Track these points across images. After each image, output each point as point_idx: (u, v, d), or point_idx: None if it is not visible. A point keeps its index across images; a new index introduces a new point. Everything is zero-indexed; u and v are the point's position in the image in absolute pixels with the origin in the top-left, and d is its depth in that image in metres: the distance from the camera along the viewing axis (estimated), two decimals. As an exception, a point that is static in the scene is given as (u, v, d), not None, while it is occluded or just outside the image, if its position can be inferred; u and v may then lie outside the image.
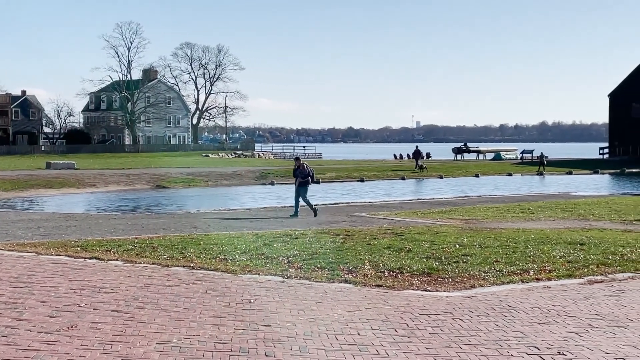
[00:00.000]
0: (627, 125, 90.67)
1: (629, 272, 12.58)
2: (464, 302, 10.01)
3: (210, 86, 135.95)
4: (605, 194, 41.16)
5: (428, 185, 52.85)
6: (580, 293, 10.77)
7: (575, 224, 22.37)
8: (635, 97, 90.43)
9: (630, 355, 7.44)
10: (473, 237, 17.05)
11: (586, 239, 16.94)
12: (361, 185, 54.16)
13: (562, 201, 32.67)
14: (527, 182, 57.33)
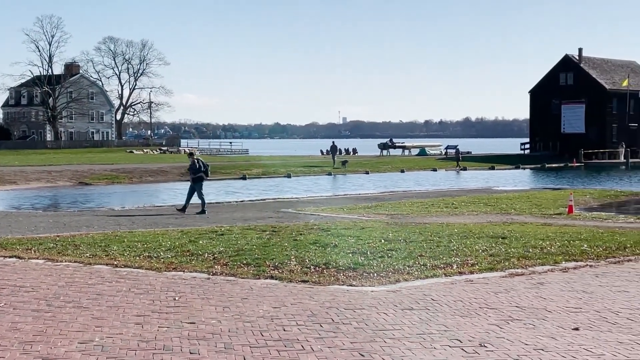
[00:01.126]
0: (547, 121, 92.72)
1: (549, 264, 12.88)
2: (389, 297, 10.10)
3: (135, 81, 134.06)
4: (526, 189, 42.05)
5: (354, 181, 53.17)
6: (502, 286, 10.98)
7: (498, 218, 22.81)
8: (554, 94, 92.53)
9: (548, 345, 7.62)
10: (398, 232, 17.22)
11: (508, 232, 17.29)
12: (288, 180, 54.19)
13: (485, 196, 33.26)
14: (451, 177, 58.20)
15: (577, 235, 16.77)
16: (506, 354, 7.31)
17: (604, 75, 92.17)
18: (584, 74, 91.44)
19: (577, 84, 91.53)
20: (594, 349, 7.52)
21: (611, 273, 12.16)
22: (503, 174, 64.01)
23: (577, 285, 11.07)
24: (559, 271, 12.34)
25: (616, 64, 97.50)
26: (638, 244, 15.44)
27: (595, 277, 11.81)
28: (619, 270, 12.49)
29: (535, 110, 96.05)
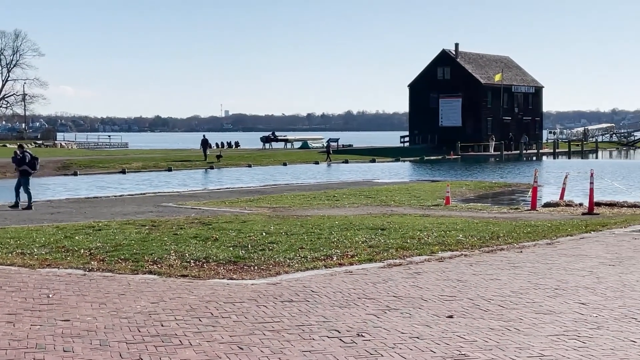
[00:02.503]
0: (426, 115, 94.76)
1: (426, 254, 13.19)
2: (269, 289, 10.12)
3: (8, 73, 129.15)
4: (405, 181, 42.89)
5: (237, 174, 52.97)
6: (380, 276, 11.17)
7: (378, 210, 23.18)
8: (432, 88, 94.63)
9: (423, 333, 7.80)
10: (280, 225, 17.28)
11: (387, 224, 17.60)
12: (169, 174, 53.48)
13: (366, 188, 33.75)
14: (333, 170, 58.77)
15: (453, 226, 17.24)
16: (383, 342, 7.44)
17: (479, 70, 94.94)
18: (460, 68, 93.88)
19: (454, 78, 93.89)
20: (466, 335, 7.74)
21: (484, 262, 12.54)
22: (383, 166, 65.10)
23: (452, 274, 11.37)
24: (435, 261, 12.65)
25: (491, 59, 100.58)
26: (510, 233, 15.99)
27: (469, 266, 12.15)
28: (492, 259, 12.90)
29: (414, 104, 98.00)
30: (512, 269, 11.79)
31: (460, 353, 7.09)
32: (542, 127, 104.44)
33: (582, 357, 6.95)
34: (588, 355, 7.01)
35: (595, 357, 6.97)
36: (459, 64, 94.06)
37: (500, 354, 7.07)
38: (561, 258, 12.88)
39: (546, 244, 14.75)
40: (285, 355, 7.00)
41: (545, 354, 7.04)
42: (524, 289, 10.18)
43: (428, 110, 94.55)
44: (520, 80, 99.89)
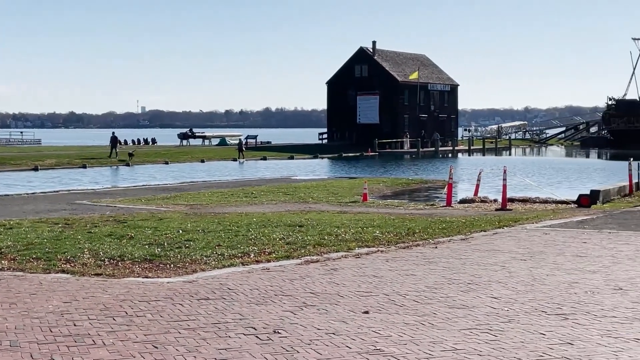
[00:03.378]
0: (344, 112, 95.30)
1: (343, 251, 13.27)
2: (185, 287, 10.04)
3: None
4: (324, 178, 43.10)
5: (153, 171, 52.35)
6: (297, 273, 11.20)
7: (296, 206, 23.23)
8: (350, 85, 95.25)
9: (339, 329, 7.85)
10: (197, 222, 17.15)
11: (305, 221, 17.65)
12: (83, 171, 52.49)
13: (284, 185, 33.77)
14: (251, 167, 58.63)
15: (371, 222, 17.40)
16: (299, 339, 7.46)
17: (397, 68, 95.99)
18: (377, 66, 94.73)
19: (372, 76, 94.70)
20: (382, 330, 7.82)
21: (400, 258, 12.70)
22: (302, 163, 65.27)
23: (369, 270, 11.48)
24: (352, 257, 12.75)
25: (408, 57, 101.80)
26: (426, 229, 16.22)
27: (385, 261, 12.29)
28: (407, 254, 13.07)
29: (332, 101, 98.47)
30: (427, 265, 11.96)
31: (375, 348, 7.16)
32: (457, 125, 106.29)
33: (494, 350, 7.10)
34: (499, 348, 7.17)
35: (506, 349, 7.13)
36: (377, 62, 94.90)
37: (414, 348, 7.17)
38: (475, 253, 13.13)
39: (460, 239, 15.02)
40: (201, 354, 6.96)
41: (458, 348, 7.17)
42: (438, 284, 10.35)
43: (346, 108, 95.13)
44: (437, 78, 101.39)
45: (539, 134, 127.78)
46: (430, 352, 7.03)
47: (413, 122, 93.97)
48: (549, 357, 6.87)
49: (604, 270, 11.34)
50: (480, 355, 6.95)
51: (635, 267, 11.61)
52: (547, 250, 13.40)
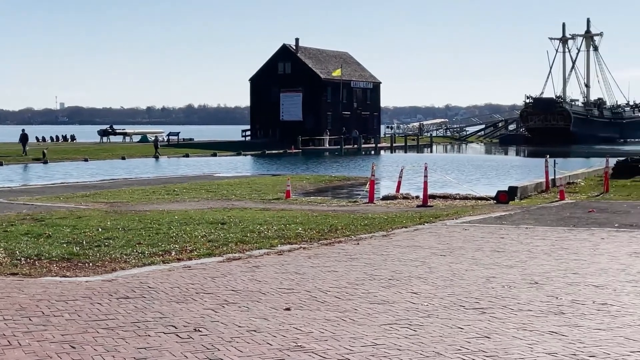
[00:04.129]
0: (267, 109, 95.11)
1: (265, 248, 13.26)
2: (104, 286, 9.88)
3: None
4: (247, 175, 42.96)
5: (72, 169, 51.37)
6: (219, 270, 11.14)
7: (219, 204, 23.10)
8: (273, 82, 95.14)
9: (261, 326, 7.84)
10: (117, 220, 16.91)
11: (227, 218, 17.57)
12: None
13: (207, 182, 33.55)
14: (174, 164, 58.06)
15: (293, 219, 17.42)
16: (220, 337, 7.42)
17: (319, 65, 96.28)
18: (300, 63, 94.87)
19: (295, 73, 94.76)
20: (303, 327, 7.85)
21: (323, 254, 12.75)
22: (225, 160, 64.96)
23: (291, 267, 11.50)
24: (274, 254, 12.75)
25: (330, 54, 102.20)
26: (348, 226, 16.33)
27: (308, 258, 12.32)
28: (329, 251, 13.13)
29: (255, 98, 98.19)
30: (349, 261, 12.04)
31: (296, 344, 7.18)
32: (380, 122, 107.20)
33: (413, 345, 7.19)
34: (418, 343, 7.26)
35: (424, 344, 7.23)
36: (300, 59, 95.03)
37: (335, 344, 7.21)
38: (396, 249, 13.28)
39: (382, 235, 15.17)
40: (120, 353, 6.86)
41: (378, 343, 7.24)
42: (359, 280, 10.43)
43: (269, 105, 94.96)
44: (359, 75, 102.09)
45: (459, 132, 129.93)
46: (351, 348, 7.08)
47: (336, 119, 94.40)
48: (466, 351, 6.99)
49: (521, 265, 11.59)
50: (399, 349, 7.03)
51: (550, 261, 11.90)
52: (466, 246, 13.63)
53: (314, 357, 6.81)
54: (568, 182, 29.19)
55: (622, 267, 11.29)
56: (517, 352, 6.93)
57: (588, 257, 12.24)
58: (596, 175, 31.80)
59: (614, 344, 7.20)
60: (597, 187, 27.73)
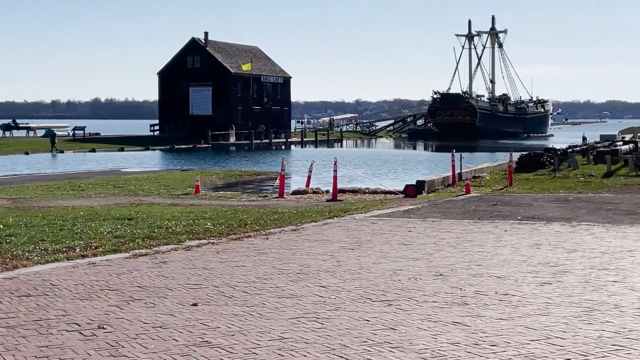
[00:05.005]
0: (176, 103, 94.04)
1: (173, 244, 13.11)
2: (5, 284, 9.60)
3: None
4: (155, 170, 42.40)
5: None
6: (125, 267, 10.96)
7: (126, 199, 22.75)
8: (182, 76, 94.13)
9: (167, 322, 7.75)
10: (19, 217, 16.48)
11: (135, 213, 17.32)
12: None
13: (114, 177, 33.00)
14: (80, 159, 56.88)
15: (202, 214, 17.30)
16: (125, 334, 7.31)
17: (229, 59, 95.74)
18: (210, 57, 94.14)
19: (204, 67, 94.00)
20: (210, 322, 7.79)
21: (231, 249, 12.69)
22: (133, 155, 63.97)
23: (199, 262, 11.40)
24: (182, 250, 12.63)
25: (240, 48, 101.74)
26: (258, 220, 16.29)
27: (216, 254, 12.24)
28: (238, 246, 13.08)
29: (164, 92, 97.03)
30: (258, 256, 12.02)
31: (203, 340, 7.13)
32: (290, 117, 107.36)
33: (320, 338, 7.23)
34: (325, 336, 7.30)
35: (331, 336, 7.27)
36: (209, 53, 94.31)
37: (242, 338, 7.19)
38: (305, 243, 13.32)
39: (292, 230, 15.19)
40: (20, 352, 6.68)
41: (286, 337, 7.25)
42: (268, 275, 10.42)
43: (178, 99, 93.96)
44: (269, 70, 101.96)
45: (369, 127, 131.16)
46: (258, 342, 7.07)
47: (246, 113, 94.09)
48: (372, 342, 7.07)
49: (427, 258, 11.78)
50: (306, 343, 7.06)
51: (455, 254, 12.13)
52: (375, 239, 13.77)
53: (221, 352, 6.77)
54: (474, 176, 29.86)
55: (524, 259, 11.59)
56: (422, 343, 7.05)
57: (491, 249, 12.52)
58: (501, 169, 32.60)
59: (514, 333, 7.39)
60: (502, 180, 28.42)
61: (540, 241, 13.31)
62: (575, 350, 6.77)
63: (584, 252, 12.11)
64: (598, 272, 10.41)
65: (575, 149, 38.16)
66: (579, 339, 7.15)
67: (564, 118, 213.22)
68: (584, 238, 13.62)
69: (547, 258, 11.58)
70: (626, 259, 11.46)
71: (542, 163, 32.85)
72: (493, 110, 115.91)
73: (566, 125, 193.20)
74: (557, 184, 25.91)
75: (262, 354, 6.71)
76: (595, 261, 11.27)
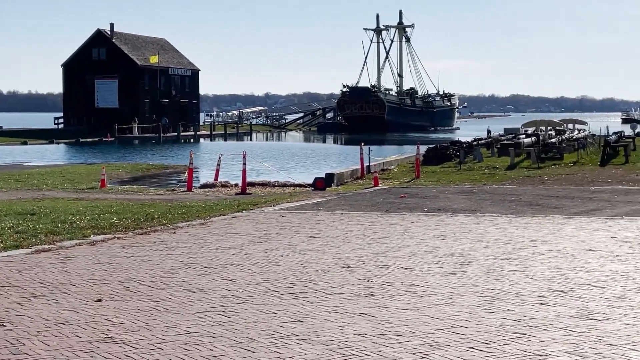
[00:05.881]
0: (81, 96, 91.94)
1: (77, 239, 12.84)
2: None
3: None
4: (60, 164, 41.42)
5: None
6: (27, 263, 10.68)
7: (29, 194, 22.18)
8: (88, 68, 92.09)
9: (70, 319, 7.58)
10: None
11: (37, 208, 16.90)
12: None
13: (16, 172, 32.13)
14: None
15: (108, 209, 16.99)
16: (26, 331, 7.12)
17: (136, 52, 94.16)
18: (116, 49, 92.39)
19: (110, 59, 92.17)
20: (114, 318, 7.66)
21: (138, 244, 12.51)
22: (36, 149, 62.37)
23: (104, 257, 11.20)
24: (87, 245, 12.39)
25: (147, 40, 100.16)
26: (165, 214, 16.10)
27: (122, 248, 12.05)
28: (145, 240, 12.90)
29: (69, 85, 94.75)
30: (165, 250, 11.88)
31: (107, 336, 7.00)
32: (199, 110, 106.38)
33: (226, 332, 7.18)
34: (232, 329, 7.26)
35: (238, 330, 7.24)
36: (115, 45, 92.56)
37: (147, 334, 7.09)
38: (213, 237, 13.22)
39: (200, 224, 15.06)
40: None
41: (192, 331, 7.18)
42: (175, 269, 10.31)
43: (84, 91, 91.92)
44: (177, 62, 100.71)
45: (278, 120, 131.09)
46: (164, 337, 6.98)
47: (154, 106, 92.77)
48: (279, 335, 7.06)
49: (335, 250, 11.84)
50: (213, 337, 7.01)
51: (363, 245, 12.24)
52: (283, 232, 13.78)
53: (125, 348, 6.66)
54: (382, 169, 30.20)
55: (430, 249, 11.78)
56: (329, 334, 7.08)
57: (399, 241, 12.68)
58: (408, 162, 33.03)
59: (419, 322, 7.50)
60: (409, 173, 28.81)
61: (446, 232, 13.55)
62: (478, 339, 6.92)
63: (487, 242, 12.38)
64: (501, 262, 10.66)
65: (480, 142, 38.97)
66: (481, 327, 7.31)
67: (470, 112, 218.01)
68: (487, 229, 13.93)
69: (452, 249, 11.80)
70: (528, 248, 11.77)
71: (449, 156, 33.47)
72: (401, 103, 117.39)
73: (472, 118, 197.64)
74: (462, 176, 26.42)
75: (167, 349, 6.64)
76: (498, 251, 11.54)
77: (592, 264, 10.45)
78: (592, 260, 10.77)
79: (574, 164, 29.76)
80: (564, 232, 13.44)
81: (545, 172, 26.73)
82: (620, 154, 31.66)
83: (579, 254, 11.22)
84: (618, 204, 17.33)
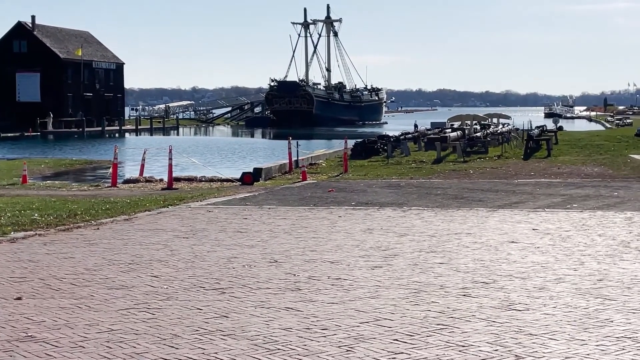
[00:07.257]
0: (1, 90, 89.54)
1: None
2: None
3: None
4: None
5: None
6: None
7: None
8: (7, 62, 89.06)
9: (-13, 319, 7.40)
10: None
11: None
12: None
13: None
14: None
15: (29, 205, 16.63)
16: (-60, 332, 6.91)
17: (59, 45, 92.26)
18: (38, 42, 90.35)
19: (32, 52, 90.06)
20: (35, 316, 7.49)
21: (60, 241, 12.26)
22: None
23: (25, 255, 10.95)
24: (7, 242, 12.11)
25: (70, 33, 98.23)
26: (88, 210, 15.81)
27: (43, 245, 11.80)
28: (67, 237, 12.65)
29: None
30: (88, 247, 11.67)
31: (27, 335, 6.84)
32: (124, 104, 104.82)
33: (150, 328, 7.09)
34: (156, 326, 7.17)
35: (162, 326, 7.14)
36: (37, 38, 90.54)
37: (69, 332, 6.95)
38: (138, 233, 13.04)
39: (124, 220, 14.84)
40: None
41: (115, 328, 7.07)
42: (98, 266, 10.13)
43: (4, 85, 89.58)
44: (101, 56, 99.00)
45: (206, 114, 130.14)
46: (85, 335, 6.85)
47: (78, 100, 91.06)
48: (204, 331, 7.00)
49: (262, 245, 11.80)
50: (136, 334, 6.90)
51: (290, 240, 12.22)
52: (210, 228, 13.67)
53: (46, 346, 6.52)
54: (310, 163, 30.22)
55: (357, 243, 11.83)
56: (254, 329, 7.05)
57: (326, 235, 12.70)
58: (336, 156, 33.15)
59: (345, 316, 7.53)
60: (337, 167, 28.90)
61: (373, 226, 13.63)
62: (402, 331, 6.97)
63: (413, 235, 12.50)
64: (426, 255, 10.77)
65: (407, 136, 39.31)
66: (406, 319, 7.37)
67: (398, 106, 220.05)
68: (414, 222, 14.06)
69: (378, 242, 11.88)
70: (452, 241, 11.92)
71: (376, 150, 33.67)
72: (329, 98, 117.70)
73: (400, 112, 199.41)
74: (390, 170, 26.63)
75: (89, 347, 6.51)
76: (423, 244, 11.66)
77: (514, 256, 10.65)
78: (514, 252, 10.97)
79: (499, 157, 30.28)
80: (488, 224, 13.67)
81: (471, 166, 27.14)
82: (542, 148, 32.32)
83: (502, 246, 11.42)
84: (540, 197, 17.70)
